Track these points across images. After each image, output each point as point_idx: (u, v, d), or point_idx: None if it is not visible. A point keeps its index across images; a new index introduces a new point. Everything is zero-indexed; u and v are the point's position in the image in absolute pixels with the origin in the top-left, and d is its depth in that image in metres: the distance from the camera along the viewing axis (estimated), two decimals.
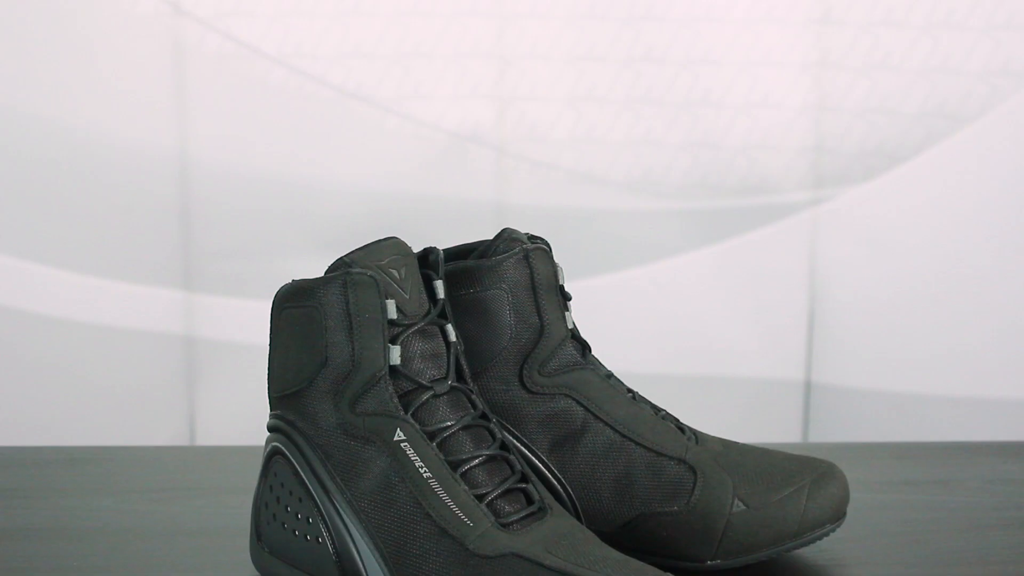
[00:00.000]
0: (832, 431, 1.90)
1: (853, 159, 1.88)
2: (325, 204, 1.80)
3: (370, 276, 0.82)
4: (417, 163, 1.82)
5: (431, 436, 0.81)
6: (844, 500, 0.93)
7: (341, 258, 0.84)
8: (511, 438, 0.91)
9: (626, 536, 0.91)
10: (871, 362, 1.90)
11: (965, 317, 1.87)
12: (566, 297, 0.95)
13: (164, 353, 1.85)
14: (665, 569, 0.76)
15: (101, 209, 1.80)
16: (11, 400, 1.81)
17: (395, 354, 0.82)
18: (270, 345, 0.88)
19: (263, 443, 0.90)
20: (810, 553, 0.95)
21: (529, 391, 0.92)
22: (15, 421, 1.80)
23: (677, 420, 0.95)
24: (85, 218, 1.80)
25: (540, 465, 0.92)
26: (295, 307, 0.85)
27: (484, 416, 0.84)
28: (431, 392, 0.82)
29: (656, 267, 1.89)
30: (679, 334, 1.89)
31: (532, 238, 0.94)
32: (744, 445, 0.95)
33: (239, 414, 1.62)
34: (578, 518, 0.91)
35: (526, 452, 0.92)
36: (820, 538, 0.92)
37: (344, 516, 0.83)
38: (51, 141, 1.77)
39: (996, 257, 1.86)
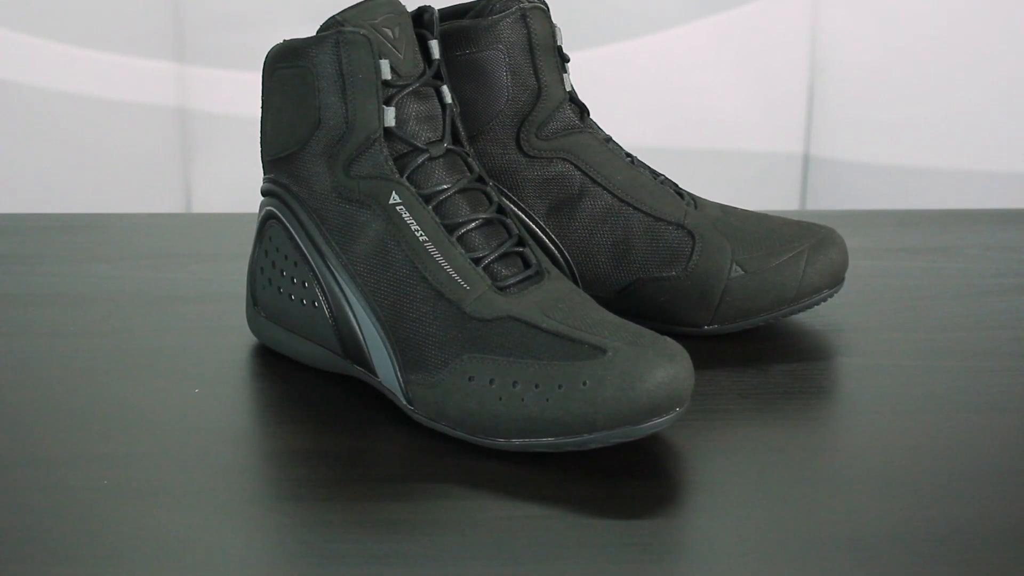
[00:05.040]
0: (830, 205, 1.90)
1: None
2: None
3: (363, 35, 0.80)
4: None
5: (427, 199, 0.80)
6: (843, 266, 0.92)
7: (333, 16, 0.82)
8: (508, 203, 0.90)
9: (623, 301, 0.91)
10: (871, 135, 1.88)
11: (967, 89, 1.85)
12: (564, 59, 0.93)
13: (158, 125, 1.83)
14: (662, 333, 0.76)
15: None
16: (6, 168, 1.80)
17: (389, 116, 0.80)
18: (262, 108, 0.86)
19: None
20: (807, 318, 0.95)
21: (526, 155, 0.91)
22: (10, 189, 1.79)
23: (676, 185, 0.94)
24: None
25: (537, 230, 0.91)
26: (286, 67, 0.83)
27: (481, 180, 0.83)
28: (426, 155, 0.81)
29: (654, 38, 1.86)
30: (677, 107, 1.87)
31: None
32: (743, 211, 0.95)
33: (235, 185, 1.61)
34: (575, 283, 0.91)
35: (523, 217, 0.91)
36: (818, 303, 0.92)
37: (340, 280, 0.82)
38: None
39: (1000, 28, 1.83)
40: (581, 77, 1.03)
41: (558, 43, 0.92)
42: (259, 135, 0.87)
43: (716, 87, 1.87)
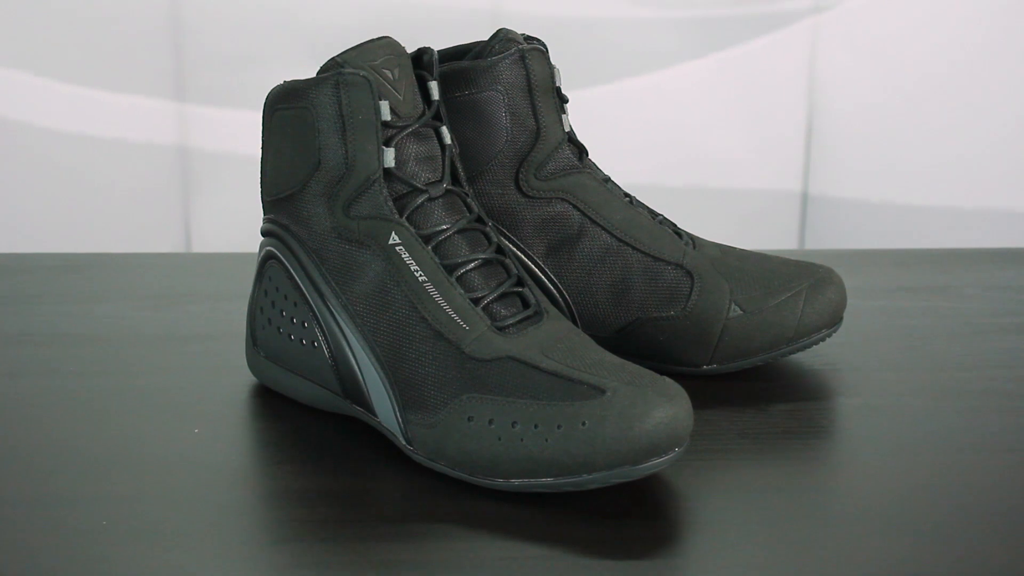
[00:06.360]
0: (829, 243, 1.90)
1: None
2: (317, 10, 1.77)
3: (363, 76, 0.81)
4: None
5: (426, 240, 0.81)
6: (841, 305, 0.92)
7: (333, 58, 0.82)
8: (507, 243, 0.90)
9: (622, 341, 0.91)
10: (869, 173, 1.89)
11: (965, 128, 1.86)
12: (563, 99, 0.93)
13: (158, 163, 1.83)
14: (661, 373, 0.76)
15: (91, 18, 1.77)
16: (7, 207, 1.80)
17: (389, 156, 0.81)
18: (262, 148, 0.86)
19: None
20: (806, 358, 0.95)
21: (525, 195, 0.91)
22: (11, 228, 1.79)
23: (674, 225, 0.95)
24: (76, 28, 1.77)
25: (536, 270, 0.92)
26: (287, 108, 0.83)
27: (480, 220, 0.83)
28: (426, 195, 0.81)
29: (653, 77, 1.86)
30: (676, 145, 1.87)
31: (528, 39, 0.92)
32: (742, 250, 0.95)
33: (235, 223, 1.62)
34: (574, 323, 0.91)
35: (522, 257, 0.91)
36: (816, 343, 0.92)
37: (339, 320, 0.82)
38: None
39: (999, 67, 1.84)
40: (579, 116, 1.04)
41: (557, 84, 0.93)
42: (259, 175, 0.88)
43: (715, 126, 1.88)
